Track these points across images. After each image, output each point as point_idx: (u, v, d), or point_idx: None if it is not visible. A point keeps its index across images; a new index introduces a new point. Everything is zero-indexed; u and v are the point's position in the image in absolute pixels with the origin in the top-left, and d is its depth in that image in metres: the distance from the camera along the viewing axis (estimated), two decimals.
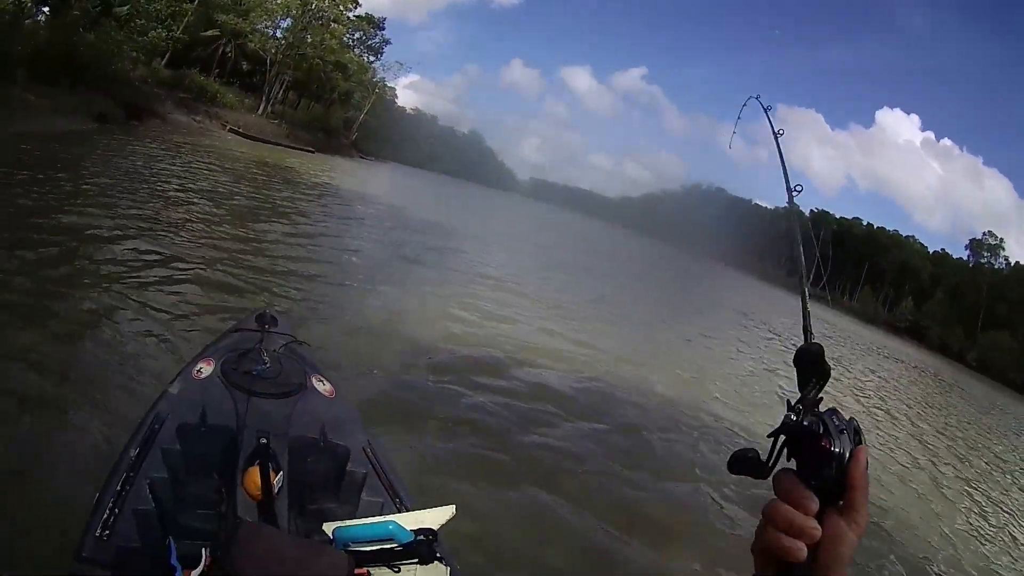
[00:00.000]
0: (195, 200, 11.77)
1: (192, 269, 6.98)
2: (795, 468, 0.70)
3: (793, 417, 0.71)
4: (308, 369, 2.75)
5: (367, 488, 2.31)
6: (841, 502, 0.68)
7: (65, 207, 8.32)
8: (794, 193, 1.10)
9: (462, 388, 5.76)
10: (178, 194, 11.95)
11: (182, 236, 8.46)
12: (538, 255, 21.21)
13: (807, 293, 1.05)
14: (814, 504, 0.67)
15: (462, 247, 17.09)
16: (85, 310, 5.09)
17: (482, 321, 8.76)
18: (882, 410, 13.36)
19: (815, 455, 0.68)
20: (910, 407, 15.52)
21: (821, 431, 0.69)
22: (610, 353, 9.01)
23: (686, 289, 27.53)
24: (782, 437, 0.72)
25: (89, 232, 7.37)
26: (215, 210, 11.26)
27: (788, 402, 0.74)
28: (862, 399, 13.69)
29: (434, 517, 1.86)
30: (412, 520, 1.84)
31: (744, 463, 0.73)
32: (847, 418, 0.70)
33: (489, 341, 7.76)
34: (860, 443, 0.69)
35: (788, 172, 1.12)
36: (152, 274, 6.42)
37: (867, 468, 0.68)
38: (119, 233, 7.64)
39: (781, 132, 1.60)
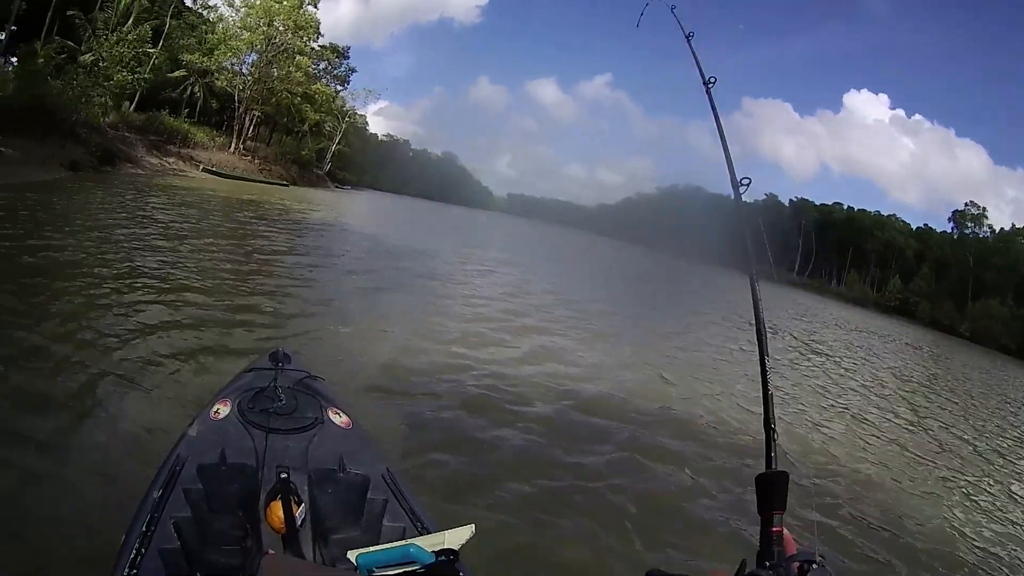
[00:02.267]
0: (182, 243, 11.47)
1: (194, 314, 6.93)
2: None
3: None
4: (324, 403, 2.80)
5: (388, 514, 2.35)
6: None
7: (47, 258, 8.18)
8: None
9: (476, 409, 5.79)
10: (163, 239, 11.62)
11: (176, 281, 8.35)
12: (521, 271, 20.99)
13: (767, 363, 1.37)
14: None
15: (451, 267, 17.17)
16: (95, 361, 5.05)
17: (486, 339, 8.77)
18: (869, 390, 13.28)
19: None
20: (893, 384, 15.43)
21: None
22: (610, 365, 8.97)
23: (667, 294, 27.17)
24: None
25: (84, 283, 7.22)
26: (204, 252, 11.06)
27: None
28: (851, 383, 13.55)
29: (454, 537, 1.88)
30: (432, 542, 1.87)
31: None
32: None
33: (496, 359, 7.78)
34: None
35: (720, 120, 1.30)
36: (156, 322, 6.34)
37: None
38: (114, 283, 7.51)
39: (691, 34, 1.96)
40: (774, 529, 1.12)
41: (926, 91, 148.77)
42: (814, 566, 1.00)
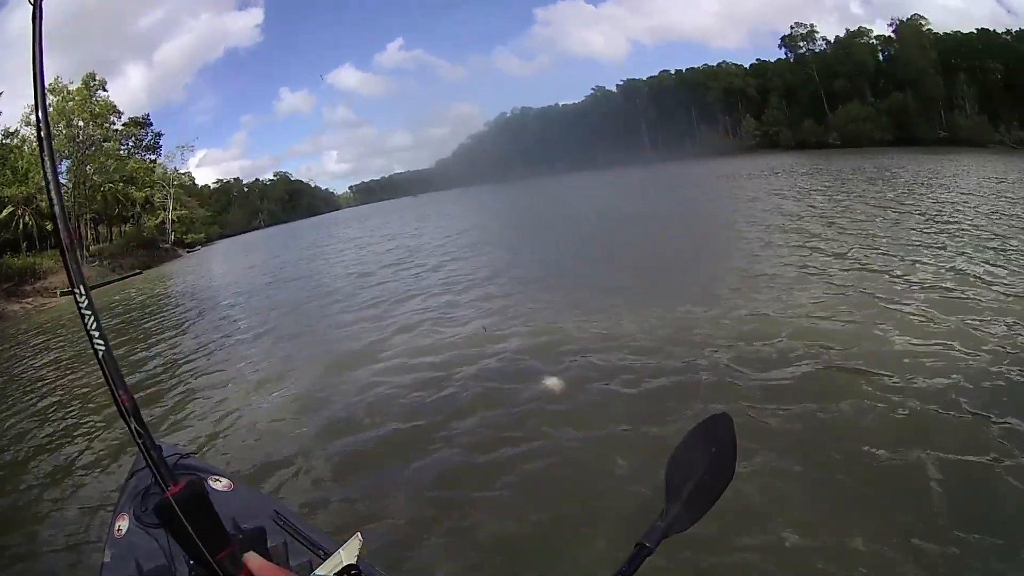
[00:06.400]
0: (49, 374, 11.76)
1: (78, 439, 7.14)
2: None
3: None
4: (203, 475, 2.75)
5: (292, 554, 2.38)
6: None
7: None
8: None
9: (347, 429, 5.93)
10: (33, 375, 12.01)
11: (57, 415, 8.50)
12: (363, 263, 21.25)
13: None
14: None
15: (292, 292, 17.37)
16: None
17: (346, 354, 8.85)
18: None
19: None
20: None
21: None
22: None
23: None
24: None
25: None
26: (76, 376, 11.02)
27: None
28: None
29: (348, 552, 1.80)
30: (332, 565, 1.79)
31: None
32: None
33: (356, 368, 7.87)
34: None
35: None
36: (48, 460, 6.63)
37: None
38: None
39: None
40: None
41: None
42: None
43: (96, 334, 1.60)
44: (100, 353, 1.60)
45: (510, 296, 10.76)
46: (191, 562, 2.05)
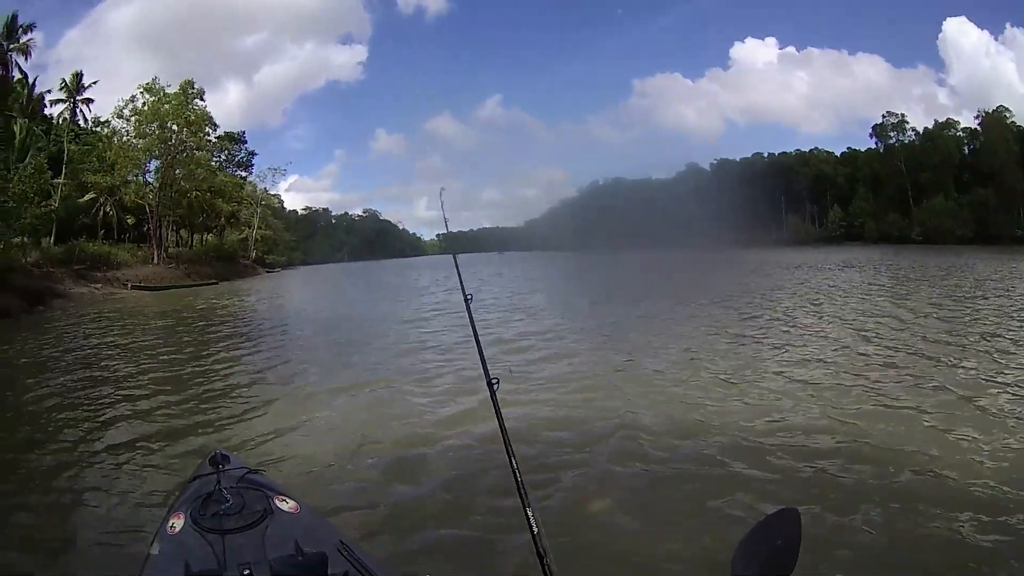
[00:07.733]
0: (117, 365, 11.48)
1: (137, 430, 7.06)
2: None
3: None
4: (269, 493, 2.84)
5: None
6: None
7: None
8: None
9: (418, 469, 5.65)
10: (99, 363, 11.73)
11: (116, 402, 8.50)
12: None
13: None
14: None
15: (376, 333, 15.63)
16: (48, 490, 5.28)
17: (414, 397, 8.37)
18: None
19: None
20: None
21: None
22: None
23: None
24: None
25: (25, 421, 7.69)
26: (138, 368, 11.07)
27: None
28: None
29: None
30: None
31: None
32: None
33: (429, 419, 7.32)
34: None
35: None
36: (102, 444, 6.55)
37: None
38: (54, 416, 7.83)
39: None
40: None
41: (810, 21, 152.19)
42: None
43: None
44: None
45: (564, 358, 10.37)
46: (247, 572, 2.18)
